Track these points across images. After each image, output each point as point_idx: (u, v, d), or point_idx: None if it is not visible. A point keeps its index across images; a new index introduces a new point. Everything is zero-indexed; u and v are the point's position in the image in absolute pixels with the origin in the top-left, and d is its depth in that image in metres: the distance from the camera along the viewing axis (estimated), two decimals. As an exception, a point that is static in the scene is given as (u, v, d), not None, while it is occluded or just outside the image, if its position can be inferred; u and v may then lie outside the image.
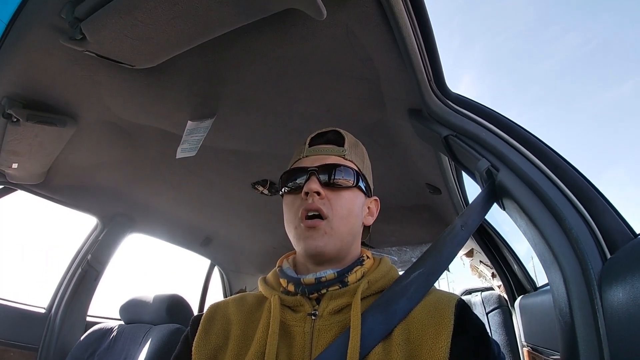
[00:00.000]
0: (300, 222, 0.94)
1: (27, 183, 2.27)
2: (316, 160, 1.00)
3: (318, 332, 0.87)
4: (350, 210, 0.98)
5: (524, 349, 2.66)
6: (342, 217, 0.95)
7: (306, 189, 0.95)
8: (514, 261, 2.73)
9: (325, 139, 1.07)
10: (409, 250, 3.79)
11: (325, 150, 1.03)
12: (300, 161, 1.03)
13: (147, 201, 2.84)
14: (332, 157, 1.01)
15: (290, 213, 0.99)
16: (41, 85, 1.55)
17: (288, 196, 1.01)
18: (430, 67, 1.30)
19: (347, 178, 0.99)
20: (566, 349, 0.86)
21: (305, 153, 1.03)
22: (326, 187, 0.96)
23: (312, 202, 0.94)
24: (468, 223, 1.06)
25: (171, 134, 1.94)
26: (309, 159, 1.02)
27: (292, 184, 1.00)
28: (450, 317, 0.83)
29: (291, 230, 0.98)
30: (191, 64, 1.46)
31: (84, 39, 1.18)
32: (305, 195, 0.95)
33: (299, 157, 1.05)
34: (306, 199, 0.94)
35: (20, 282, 3.08)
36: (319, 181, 0.96)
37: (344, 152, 1.02)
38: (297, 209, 0.96)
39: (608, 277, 0.76)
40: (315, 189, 0.94)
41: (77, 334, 2.66)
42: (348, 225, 0.97)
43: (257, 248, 3.87)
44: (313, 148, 1.04)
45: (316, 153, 1.02)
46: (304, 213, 0.94)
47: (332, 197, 0.96)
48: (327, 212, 0.93)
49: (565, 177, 0.98)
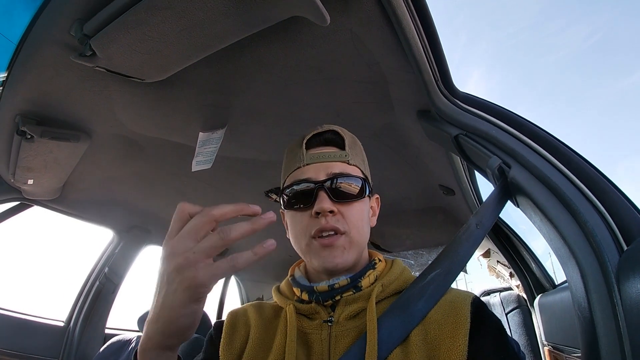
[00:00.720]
0: (312, 240, 0.91)
1: (43, 199, 2.31)
2: (320, 170, 0.94)
3: (335, 338, 0.86)
4: (363, 220, 0.96)
5: (544, 348, 2.61)
6: (358, 229, 0.93)
7: (317, 209, 0.89)
8: (531, 260, 2.70)
9: (322, 139, 1.00)
10: (426, 254, 3.75)
11: (327, 156, 0.96)
12: (300, 171, 0.96)
13: (161, 213, 2.86)
14: (337, 165, 0.95)
15: (297, 230, 0.95)
16: (54, 101, 1.57)
17: (292, 212, 0.97)
18: (437, 67, 1.30)
19: (357, 189, 0.95)
20: (587, 345, 0.85)
21: (304, 160, 0.96)
22: (337, 202, 0.92)
23: (327, 222, 0.89)
24: (483, 222, 1.05)
25: (184, 146, 1.95)
26: (311, 168, 0.95)
27: (297, 201, 0.95)
28: (466, 315, 0.82)
29: (300, 245, 0.95)
30: (200, 75, 1.47)
31: (93, 55, 1.20)
32: (316, 215, 0.90)
33: (296, 165, 0.98)
34: (316, 218, 0.90)
35: (40, 296, 3.13)
36: (329, 197, 0.91)
37: (347, 157, 0.97)
38: (306, 227, 0.92)
39: (625, 268, 0.75)
40: (328, 208, 0.89)
41: (95, 346, 2.69)
42: (363, 234, 0.95)
43: (273, 256, 3.86)
44: (313, 154, 0.97)
45: (318, 160, 0.96)
46: (316, 233, 0.90)
47: (344, 210, 0.92)
48: (343, 228, 0.90)
49: (578, 170, 0.97)
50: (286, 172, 1.02)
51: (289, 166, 1.01)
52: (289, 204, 0.97)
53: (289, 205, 0.97)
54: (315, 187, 0.92)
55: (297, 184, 0.95)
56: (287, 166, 1.02)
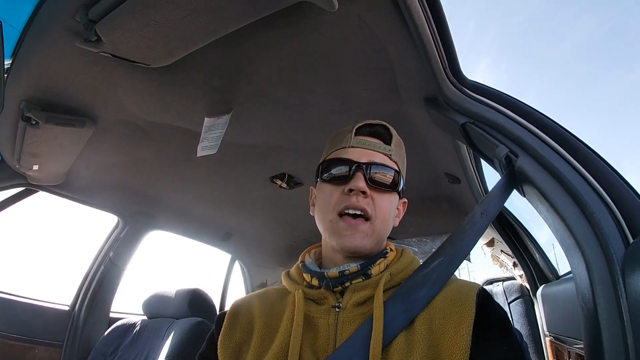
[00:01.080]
0: (338, 218, 0.93)
1: (48, 184, 2.32)
2: (363, 155, 0.97)
3: (342, 324, 0.87)
4: (390, 213, 0.98)
5: (546, 338, 2.63)
6: (383, 219, 0.95)
7: (352, 185, 0.92)
8: (535, 250, 2.70)
9: (372, 130, 1.03)
10: (429, 241, 3.76)
11: (373, 145, 0.99)
12: (344, 150, 0.99)
13: (166, 198, 2.87)
14: (380, 155, 0.98)
15: (325, 204, 0.97)
16: (59, 87, 1.57)
17: (326, 185, 0.99)
18: (445, 55, 1.28)
19: (392, 181, 0.97)
20: (589, 336, 0.85)
21: (350, 143, 0.99)
22: (371, 187, 0.94)
23: (357, 201, 0.92)
24: (488, 210, 1.05)
25: (189, 131, 1.95)
26: (355, 150, 0.98)
27: (334, 174, 0.97)
28: (472, 306, 0.83)
29: (324, 221, 0.97)
30: (206, 60, 1.47)
31: (99, 40, 1.19)
32: (348, 192, 0.93)
33: (342, 145, 1.01)
34: (348, 195, 0.93)
35: (45, 281, 3.15)
36: (365, 180, 0.93)
37: (390, 152, 1.00)
38: (335, 202, 0.94)
39: (631, 261, 0.75)
40: (362, 187, 0.92)
41: (100, 330, 2.71)
42: (387, 227, 0.98)
43: (277, 242, 3.88)
44: (359, 139, 1.00)
45: (363, 146, 0.99)
46: (344, 209, 0.92)
47: (376, 197, 0.95)
48: (371, 213, 0.92)
49: (586, 161, 0.96)
50: (329, 151, 1.04)
51: (334, 145, 1.04)
52: (325, 178, 0.99)
53: (324, 178, 0.99)
54: (355, 167, 0.95)
55: (337, 161, 0.98)
56: (332, 146, 1.05)
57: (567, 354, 2.10)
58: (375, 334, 0.80)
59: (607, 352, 0.75)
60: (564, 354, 2.20)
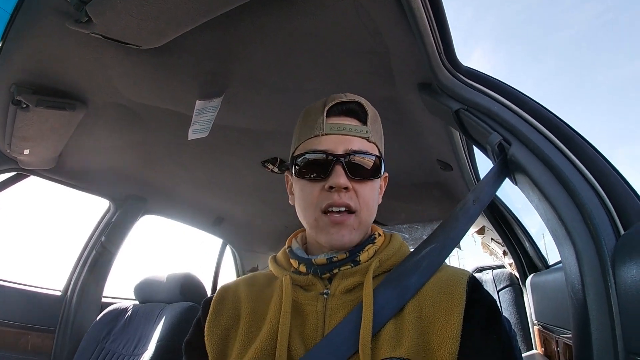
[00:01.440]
0: (323, 215, 0.89)
1: (39, 168, 2.30)
2: (339, 143, 0.90)
3: (331, 310, 0.86)
4: (374, 200, 0.95)
5: (534, 327, 2.66)
6: (368, 208, 0.92)
7: (333, 183, 0.87)
8: (525, 239, 2.72)
9: (345, 109, 0.95)
10: (420, 228, 3.78)
11: (348, 128, 0.92)
12: (317, 140, 0.92)
13: (158, 182, 2.86)
14: (357, 141, 0.91)
15: (306, 202, 0.92)
16: (49, 70, 1.54)
17: (304, 182, 0.93)
18: (441, 40, 1.27)
19: (373, 168, 0.92)
20: (578, 326, 0.86)
21: (323, 129, 0.92)
22: (352, 179, 0.89)
23: (340, 197, 0.88)
24: (480, 198, 1.05)
25: (181, 115, 1.93)
26: (330, 139, 0.91)
27: (311, 170, 0.92)
28: (462, 294, 0.82)
29: (308, 219, 0.93)
30: (198, 42, 1.44)
31: (89, 21, 1.16)
32: (329, 189, 0.88)
33: (314, 132, 0.93)
34: (329, 191, 0.88)
35: (36, 266, 3.14)
36: (345, 173, 0.88)
37: (368, 134, 0.93)
38: (317, 200, 0.90)
39: (621, 253, 0.75)
40: (344, 184, 0.87)
41: (93, 315, 2.71)
42: (372, 214, 0.95)
43: (269, 227, 3.89)
44: (333, 124, 0.92)
45: (337, 132, 0.91)
46: (327, 207, 0.88)
47: (358, 188, 0.90)
48: (355, 206, 0.89)
49: (579, 151, 0.96)
50: (301, 137, 0.96)
51: (305, 131, 0.95)
52: (301, 173, 0.93)
53: (301, 174, 0.93)
54: (333, 160, 0.89)
55: (313, 154, 0.91)
56: (303, 131, 0.97)
57: (555, 343, 2.13)
58: (365, 321, 0.79)
59: (595, 342, 0.76)
60: (551, 342, 2.23)
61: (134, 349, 2.35)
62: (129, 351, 2.35)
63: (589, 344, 0.77)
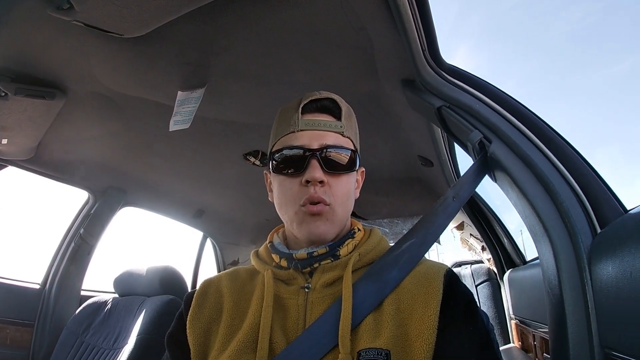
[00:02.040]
0: (301, 208, 0.90)
1: (17, 159, 2.24)
2: (314, 139, 0.92)
3: (312, 304, 0.88)
4: (349, 194, 0.96)
5: (511, 321, 2.71)
6: (342, 202, 0.93)
7: (308, 177, 0.89)
8: (503, 235, 2.76)
9: (319, 106, 0.97)
10: (401, 223, 3.81)
11: (322, 124, 0.94)
12: (293, 136, 0.94)
13: (138, 174, 2.82)
14: (331, 136, 0.94)
15: (285, 198, 0.94)
16: (29, 58, 1.51)
17: (282, 177, 0.95)
18: (425, 37, 1.27)
19: (348, 162, 0.94)
20: (554, 322, 0.88)
21: (299, 125, 0.93)
22: (327, 173, 0.91)
23: (315, 192, 0.89)
24: (460, 194, 1.06)
25: (162, 105, 1.91)
26: (305, 134, 0.93)
27: (288, 166, 0.93)
28: (439, 286, 0.84)
29: (288, 213, 0.94)
30: (181, 32, 1.42)
31: (71, 8, 1.13)
32: (305, 183, 0.89)
33: (290, 129, 0.95)
34: (305, 186, 0.90)
35: (13, 258, 3.08)
36: (321, 167, 0.90)
37: (342, 129, 0.95)
38: (296, 196, 0.91)
39: (598, 251, 0.77)
40: (319, 177, 0.89)
41: (72, 308, 2.67)
42: (347, 208, 0.96)
43: (250, 220, 3.88)
44: (308, 120, 0.94)
45: (312, 127, 0.93)
46: (305, 201, 0.89)
47: (332, 182, 0.92)
48: (329, 200, 0.90)
49: (558, 151, 0.98)
50: (277, 135, 0.98)
51: (281, 129, 0.97)
52: (278, 169, 0.95)
53: (278, 169, 0.95)
54: (308, 155, 0.91)
55: (289, 149, 0.93)
56: (279, 129, 0.98)
57: (532, 337, 2.18)
58: (344, 314, 0.81)
59: (571, 336, 0.78)
60: (528, 337, 2.28)
61: (114, 343, 2.33)
62: (109, 345, 2.33)
63: (565, 338, 0.79)
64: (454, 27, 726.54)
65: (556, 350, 0.87)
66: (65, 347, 2.40)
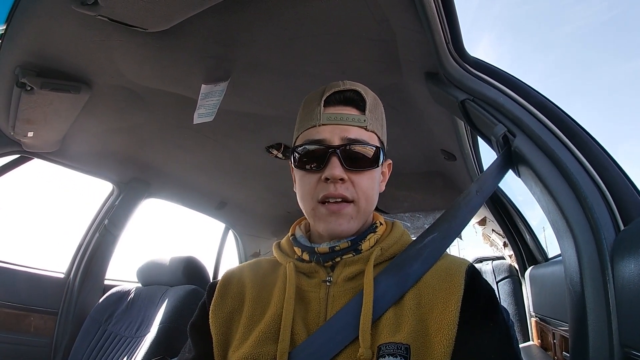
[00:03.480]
0: (319, 205, 0.90)
1: (42, 151, 2.31)
2: (335, 134, 0.90)
3: (333, 298, 0.88)
4: (373, 189, 0.95)
5: (532, 319, 2.68)
6: (367, 198, 0.92)
7: (328, 174, 0.88)
8: (526, 231, 2.72)
9: (343, 98, 0.94)
10: (422, 217, 3.78)
11: (345, 118, 0.91)
12: (315, 130, 0.92)
13: (162, 166, 2.86)
14: (354, 130, 0.91)
15: (304, 192, 0.93)
16: (54, 52, 1.54)
17: (302, 172, 0.94)
18: (449, 30, 1.26)
19: (371, 157, 0.92)
20: (575, 319, 0.86)
21: (320, 120, 0.92)
22: (348, 170, 0.89)
23: (335, 189, 0.88)
24: (483, 188, 1.05)
25: (185, 98, 1.93)
26: (326, 129, 0.91)
27: (308, 161, 0.93)
28: (460, 282, 0.83)
29: (307, 208, 0.94)
30: (204, 26, 1.44)
31: (95, 3, 1.16)
32: (325, 180, 0.89)
33: (311, 123, 0.93)
34: (325, 183, 0.89)
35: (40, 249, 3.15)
36: (341, 164, 0.89)
37: (365, 123, 0.92)
38: (314, 191, 0.91)
39: (620, 248, 0.76)
40: (339, 175, 0.87)
41: (95, 297, 2.73)
42: (371, 203, 0.95)
43: (272, 212, 3.90)
44: (330, 114, 0.92)
45: (334, 122, 0.91)
46: (323, 198, 0.89)
47: (355, 178, 0.90)
48: (351, 196, 0.89)
49: (582, 145, 0.96)
50: (300, 128, 0.98)
51: (304, 122, 0.96)
52: (300, 163, 0.94)
53: (300, 164, 0.94)
54: (328, 151, 0.89)
55: (310, 144, 0.92)
56: (302, 122, 0.97)
57: (552, 335, 2.15)
58: (365, 309, 0.81)
59: (591, 334, 0.77)
60: (548, 335, 2.25)
61: (136, 331, 2.37)
62: (132, 333, 2.37)
63: (585, 336, 0.78)
64: (476, 18, 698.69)
65: (576, 348, 0.86)
66: (88, 335, 2.45)
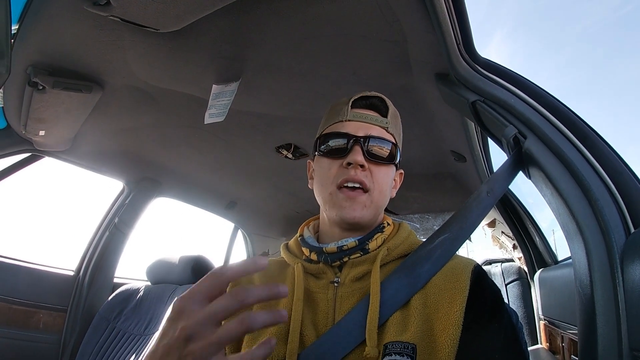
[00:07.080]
0: (337, 190, 0.94)
1: (54, 150, 2.33)
2: (360, 129, 0.98)
3: (341, 298, 0.89)
4: (387, 185, 0.99)
5: (540, 322, 2.66)
6: (381, 191, 0.97)
7: (351, 159, 0.93)
8: (536, 234, 2.71)
9: (368, 103, 1.03)
10: (432, 218, 3.78)
11: (369, 118, 0.99)
12: (341, 124, 1.00)
13: (172, 165, 2.88)
14: (376, 128, 0.99)
15: (324, 177, 0.98)
16: (66, 52, 1.56)
17: (324, 159, 1.00)
18: (460, 30, 1.26)
19: (390, 154, 0.98)
20: (584, 322, 0.86)
21: (347, 116, 1.00)
22: (368, 160, 0.95)
23: (355, 174, 0.93)
24: (494, 190, 1.05)
25: (196, 98, 1.94)
26: (352, 124, 0.99)
27: (332, 148, 0.98)
28: (466, 282, 0.84)
29: (324, 194, 0.98)
30: (216, 26, 1.45)
31: (108, 3, 1.17)
32: (347, 165, 0.94)
33: (338, 118, 1.01)
34: (346, 168, 0.94)
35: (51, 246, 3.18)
36: (363, 152, 0.95)
37: (387, 124, 1.00)
38: (334, 175, 0.95)
39: (631, 251, 0.75)
40: (360, 161, 0.93)
41: (104, 295, 2.75)
42: (384, 198, 0.99)
43: (281, 212, 3.91)
44: (356, 112, 1.00)
45: (359, 119, 0.99)
46: (342, 182, 0.93)
47: (374, 170, 0.96)
48: (369, 185, 0.94)
49: (593, 147, 0.96)
50: (325, 124, 1.05)
51: (330, 119, 1.04)
52: (323, 152, 1.00)
53: (322, 152, 1.00)
54: (352, 140, 0.96)
55: (335, 135, 0.99)
56: (328, 119, 1.05)
57: (560, 339, 2.13)
58: (372, 310, 0.82)
59: (600, 337, 0.76)
60: (557, 338, 2.23)
61: (145, 329, 2.38)
62: (140, 331, 2.39)
63: (594, 339, 0.78)
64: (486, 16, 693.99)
65: (584, 352, 0.86)
66: (96, 332, 2.47)
